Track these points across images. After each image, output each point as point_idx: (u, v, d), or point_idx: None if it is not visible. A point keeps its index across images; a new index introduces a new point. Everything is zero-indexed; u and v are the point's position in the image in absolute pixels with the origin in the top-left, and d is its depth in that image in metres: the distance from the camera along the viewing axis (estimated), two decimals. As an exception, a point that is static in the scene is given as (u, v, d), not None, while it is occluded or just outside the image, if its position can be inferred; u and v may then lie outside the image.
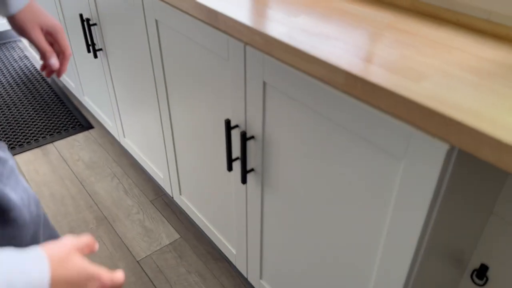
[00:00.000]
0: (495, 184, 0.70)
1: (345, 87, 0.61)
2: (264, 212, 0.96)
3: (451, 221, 0.65)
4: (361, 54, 0.63)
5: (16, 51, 2.77)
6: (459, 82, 0.56)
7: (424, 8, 0.80)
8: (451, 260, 0.75)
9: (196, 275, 1.34)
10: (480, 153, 0.47)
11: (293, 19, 0.77)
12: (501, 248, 0.76)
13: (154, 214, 1.57)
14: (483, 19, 0.73)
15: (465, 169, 0.57)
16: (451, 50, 0.66)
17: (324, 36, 0.69)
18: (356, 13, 0.80)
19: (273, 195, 0.91)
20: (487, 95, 0.53)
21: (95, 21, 1.42)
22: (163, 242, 1.45)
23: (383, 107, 0.56)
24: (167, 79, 1.15)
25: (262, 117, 0.82)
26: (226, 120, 0.89)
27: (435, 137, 0.52)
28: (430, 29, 0.73)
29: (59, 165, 1.80)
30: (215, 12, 0.81)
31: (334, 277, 0.83)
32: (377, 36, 0.70)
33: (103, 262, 1.39)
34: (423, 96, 0.52)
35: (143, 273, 1.35)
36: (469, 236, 0.75)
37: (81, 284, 0.47)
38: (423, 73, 0.58)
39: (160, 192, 1.67)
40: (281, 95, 0.75)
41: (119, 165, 1.80)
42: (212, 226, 1.27)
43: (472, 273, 0.82)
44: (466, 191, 0.63)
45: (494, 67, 0.61)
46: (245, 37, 0.76)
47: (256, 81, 0.79)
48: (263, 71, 0.76)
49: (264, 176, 0.91)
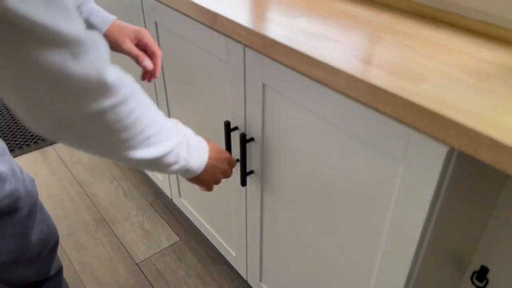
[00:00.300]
0: (494, 186, 0.70)
1: (345, 89, 0.61)
2: (264, 215, 0.96)
3: (451, 223, 0.65)
4: (360, 56, 0.63)
5: (15, 53, 2.77)
6: (458, 83, 0.56)
7: (422, 10, 0.80)
8: (451, 262, 0.75)
9: (195, 277, 1.34)
10: (479, 154, 0.47)
11: (293, 21, 0.77)
12: (501, 250, 0.75)
13: (153, 216, 1.56)
14: (481, 20, 0.73)
15: (464, 171, 0.57)
16: (449, 52, 0.66)
17: (324, 38, 0.70)
18: (355, 15, 0.80)
19: (273, 198, 0.90)
20: (486, 97, 0.53)
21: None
22: (162, 245, 1.45)
23: (382, 109, 0.56)
24: (166, 81, 1.15)
25: (261, 119, 0.82)
26: (226, 122, 0.89)
27: (434, 139, 0.52)
28: (428, 31, 0.74)
29: (59, 167, 1.80)
30: (214, 14, 0.81)
31: (334, 279, 0.83)
32: (377, 38, 0.70)
33: (102, 264, 1.38)
34: (422, 98, 0.52)
35: (142, 276, 1.34)
36: (469, 238, 0.75)
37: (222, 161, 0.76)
38: (422, 74, 0.58)
39: (160, 194, 1.66)
40: (281, 97, 0.75)
41: (118, 167, 1.80)
42: (211, 228, 1.27)
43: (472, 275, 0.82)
44: (465, 193, 0.63)
45: (493, 69, 0.61)
46: (244, 39, 0.76)
47: (256, 83, 0.79)
48: (263, 73, 0.76)
49: (263, 178, 0.91)
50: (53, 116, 0.46)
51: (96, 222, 1.54)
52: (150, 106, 0.56)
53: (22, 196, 0.71)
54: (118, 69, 0.50)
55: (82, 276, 1.34)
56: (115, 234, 1.50)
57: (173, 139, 0.61)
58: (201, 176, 0.72)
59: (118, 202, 1.63)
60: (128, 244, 1.46)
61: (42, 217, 0.80)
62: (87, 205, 1.61)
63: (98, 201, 1.63)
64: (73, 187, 1.70)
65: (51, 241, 0.82)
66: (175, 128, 0.63)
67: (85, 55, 0.43)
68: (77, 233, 1.50)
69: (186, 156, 0.64)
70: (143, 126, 0.54)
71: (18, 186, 0.69)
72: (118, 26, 0.76)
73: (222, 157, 0.77)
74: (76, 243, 1.46)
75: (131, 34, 0.75)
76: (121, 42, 0.74)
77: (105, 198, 1.64)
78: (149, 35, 0.76)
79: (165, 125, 0.60)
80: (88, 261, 1.39)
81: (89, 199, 1.64)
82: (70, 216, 1.57)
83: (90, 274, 1.35)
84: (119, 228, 1.52)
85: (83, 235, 1.49)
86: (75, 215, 1.57)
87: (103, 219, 1.55)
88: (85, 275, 1.35)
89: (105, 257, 1.41)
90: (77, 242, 1.46)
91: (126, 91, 0.50)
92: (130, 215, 1.57)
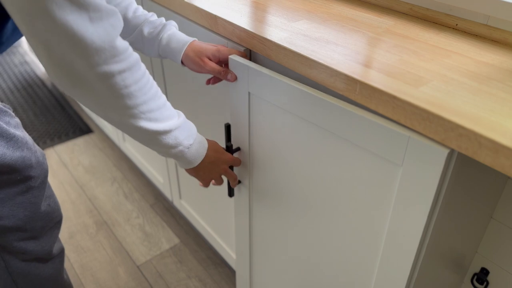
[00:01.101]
0: (494, 189, 0.70)
1: (344, 92, 0.61)
2: (254, 228, 0.95)
3: (451, 226, 0.65)
4: (360, 59, 0.64)
5: (16, 56, 2.78)
6: (458, 86, 0.56)
7: (422, 13, 0.81)
8: (451, 264, 0.75)
9: (196, 280, 1.34)
10: (479, 156, 0.47)
11: (293, 24, 0.77)
12: (501, 252, 0.76)
13: (154, 218, 1.56)
14: (481, 23, 0.73)
15: (464, 173, 0.57)
16: (449, 55, 0.66)
17: (324, 41, 0.70)
18: (355, 18, 0.81)
19: (262, 207, 0.89)
20: (486, 100, 0.53)
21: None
22: (163, 247, 1.45)
23: (382, 111, 0.56)
24: (167, 84, 1.16)
25: (248, 128, 0.81)
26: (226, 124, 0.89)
27: (434, 141, 0.52)
28: (428, 34, 0.74)
29: (59, 169, 1.80)
30: (215, 17, 0.81)
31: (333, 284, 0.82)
32: (377, 41, 0.70)
33: (103, 267, 1.38)
34: (422, 101, 0.52)
35: (143, 278, 1.34)
36: (469, 241, 0.75)
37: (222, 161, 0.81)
38: (422, 77, 0.58)
39: (160, 196, 1.66)
40: (268, 104, 0.74)
41: (119, 170, 1.80)
42: (212, 230, 1.27)
43: (472, 278, 0.82)
44: (465, 196, 0.63)
45: (493, 72, 0.61)
46: (244, 42, 0.76)
47: (241, 92, 0.78)
48: (248, 82, 0.76)
49: (252, 188, 0.90)
50: (69, 71, 0.55)
51: (97, 225, 1.54)
52: (154, 86, 0.64)
53: (33, 165, 0.74)
54: (129, 45, 0.58)
55: (83, 278, 1.34)
56: (115, 236, 1.50)
57: (175, 121, 0.68)
58: (199, 171, 0.78)
59: (118, 204, 1.63)
60: (129, 246, 1.46)
61: (49, 193, 0.83)
62: (87, 208, 1.61)
63: (99, 203, 1.63)
64: (73, 189, 1.70)
65: (55, 217, 0.85)
66: (177, 114, 0.70)
67: (100, 21, 0.53)
68: (77, 235, 1.50)
69: (184, 143, 0.70)
70: (146, 97, 0.62)
71: (30, 155, 0.73)
72: (197, 48, 0.79)
73: (222, 158, 0.81)
74: (77, 245, 1.46)
75: (210, 53, 0.78)
76: (203, 64, 0.78)
77: (105, 201, 1.65)
78: (226, 49, 0.79)
79: (168, 107, 0.67)
80: (88, 264, 1.39)
81: (90, 201, 1.64)
82: (71, 219, 1.57)
83: (91, 277, 1.35)
84: (119, 231, 1.52)
85: (84, 238, 1.49)
86: (75, 218, 1.57)
87: (104, 222, 1.55)
88: (85, 278, 1.35)
89: (105, 259, 1.41)
90: (78, 244, 1.46)
91: (133, 60, 0.58)
92: (130, 217, 1.57)
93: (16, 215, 0.75)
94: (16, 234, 0.78)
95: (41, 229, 0.82)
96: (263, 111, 0.77)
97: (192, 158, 0.74)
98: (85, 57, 0.53)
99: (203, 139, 0.76)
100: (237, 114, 0.83)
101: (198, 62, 0.79)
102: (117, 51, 0.55)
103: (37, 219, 0.80)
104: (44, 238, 0.84)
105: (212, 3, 0.87)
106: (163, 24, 0.82)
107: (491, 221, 0.75)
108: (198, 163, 0.76)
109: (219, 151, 0.80)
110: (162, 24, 0.82)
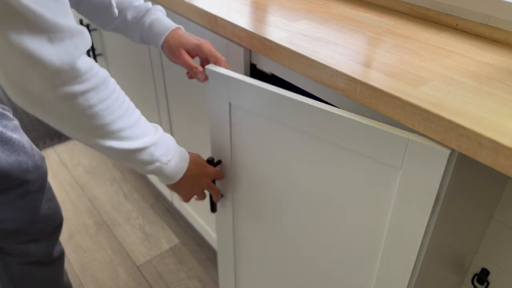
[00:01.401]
0: (494, 189, 0.70)
1: (344, 92, 0.61)
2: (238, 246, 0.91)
3: (452, 226, 0.65)
4: (361, 59, 0.64)
5: (16, 56, 2.78)
6: (458, 86, 0.56)
7: (423, 13, 0.81)
8: (452, 265, 0.75)
9: (196, 280, 1.34)
10: (479, 156, 0.47)
11: (293, 24, 0.77)
12: (501, 252, 0.75)
13: (154, 219, 1.56)
14: (482, 23, 0.73)
15: (464, 174, 0.57)
16: (450, 55, 0.66)
17: (324, 41, 0.70)
18: (355, 18, 0.81)
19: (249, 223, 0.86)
20: (486, 99, 0.53)
21: (95, 26, 1.42)
22: (163, 247, 1.45)
23: (382, 111, 0.56)
24: (167, 87, 1.15)
25: (229, 140, 0.78)
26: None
27: (434, 141, 0.52)
28: (429, 34, 0.74)
29: (59, 170, 1.80)
30: (215, 17, 0.81)
31: None
32: (377, 41, 0.70)
33: (103, 267, 1.38)
34: (422, 101, 0.52)
35: (143, 279, 1.34)
36: (470, 241, 0.75)
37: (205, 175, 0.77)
38: (422, 77, 0.58)
39: (160, 196, 1.66)
40: (250, 114, 0.71)
41: (118, 170, 1.80)
42: (212, 230, 1.27)
43: (473, 278, 0.82)
44: (465, 196, 0.63)
45: (493, 72, 0.61)
46: (244, 42, 0.76)
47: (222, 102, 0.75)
48: (228, 91, 0.72)
49: (235, 203, 0.86)
50: (29, 92, 0.52)
51: (97, 225, 1.54)
52: (125, 103, 0.61)
53: (30, 169, 0.73)
54: (94, 63, 0.56)
55: (83, 279, 1.34)
56: (115, 236, 1.50)
57: (150, 137, 0.64)
58: (179, 186, 0.74)
59: (118, 204, 1.63)
60: (129, 246, 1.46)
61: (50, 196, 0.83)
62: (87, 208, 1.61)
63: (99, 203, 1.63)
64: (73, 189, 1.70)
65: (56, 220, 0.85)
66: (154, 130, 0.66)
67: (61, 42, 0.50)
68: (77, 235, 1.50)
69: (162, 159, 0.67)
70: (114, 116, 0.58)
71: (27, 159, 0.72)
72: (178, 36, 0.75)
73: (205, 171, 0.77)
74: (77, 245, 1.46)
75: (189, 46, 0.75)
76: (178, 55, 0.75)
77: (105, 201, 1.64)
78: (209, 47, 0.75)
79: (142, 123, 0.64)
80: (88, 264, 1.39)
81: (90, 201, 1.64)
82: (71, 219, 1.57)
83: (91, 277, 1.35)
84: (119, 231, 1.52)
85: (84, 238, 1.49)
86: (75, 218, 1.57)
87: (104, 222, 1.55)
88: (85, 278, 1.35)
89: (105, 259, 1.41)
90: (78, 244, 1.46)
91: (98, 79, 0.55)
92: (130, 217, 1.57)
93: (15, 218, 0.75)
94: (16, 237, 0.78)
95: (42, 232, 0.82)
96: (245, 121, 0.73)
97: (172, 173, 0.70)
98: (44, 78, 0.51)
99: (184, 153, 0.73)
100: (217, 126, 0.79)
101: (174, 52, 0.75)
102: (79, 72, 0.52)
103: (37, 222, 0.79)
104: (44, 241, 0.83)
105: (212, 3, 0.87)
106: (148, 9, 0.79)
107: (491, 222, 0.75)
108: (179, 178, 0.72)
109: (202, 164, 0.77)
110: (147, 9, 0.79)
